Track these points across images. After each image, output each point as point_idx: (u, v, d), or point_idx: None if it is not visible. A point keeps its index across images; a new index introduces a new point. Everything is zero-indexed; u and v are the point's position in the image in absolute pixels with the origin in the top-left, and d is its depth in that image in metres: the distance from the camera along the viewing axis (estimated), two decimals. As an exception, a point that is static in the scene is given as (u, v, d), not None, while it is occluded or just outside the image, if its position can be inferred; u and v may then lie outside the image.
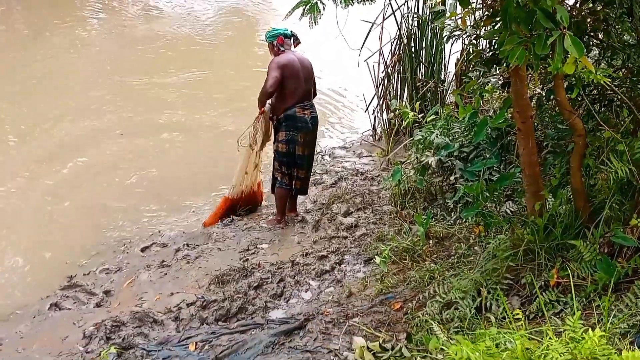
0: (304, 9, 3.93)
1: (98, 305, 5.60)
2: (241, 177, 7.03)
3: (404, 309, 4.70)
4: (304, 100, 6.70)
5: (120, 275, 6.08)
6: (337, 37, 7.23)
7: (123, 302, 5.61)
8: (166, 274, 6.01)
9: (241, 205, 7.18)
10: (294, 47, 6.79)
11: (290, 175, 6.80)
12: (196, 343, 4.74)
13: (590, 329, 2.79)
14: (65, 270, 6.18)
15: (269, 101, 6.71)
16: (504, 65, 4.01)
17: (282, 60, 6.60)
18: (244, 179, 7.07)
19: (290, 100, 6.62)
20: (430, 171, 5.85)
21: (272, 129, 6.85)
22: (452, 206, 5.86)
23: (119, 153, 8.64)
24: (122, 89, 10.69)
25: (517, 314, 3.19)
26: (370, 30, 8.15)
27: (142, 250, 6.52)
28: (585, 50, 4.07)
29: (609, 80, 3.71)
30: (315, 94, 7.00)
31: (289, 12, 4.09)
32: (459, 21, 4.30)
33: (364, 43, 8.12)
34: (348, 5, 3.89)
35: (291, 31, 6.76)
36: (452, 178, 5.84)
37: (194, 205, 7.58)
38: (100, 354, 4.68)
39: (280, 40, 6.66)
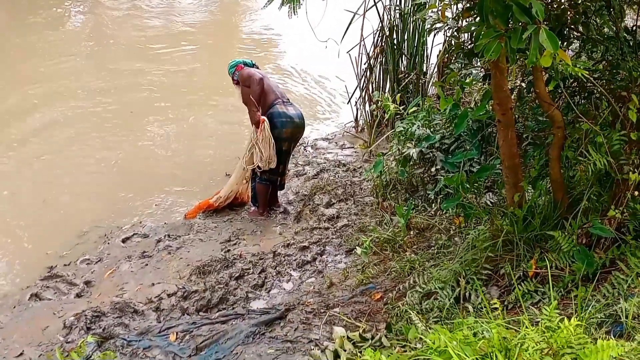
0: (283, -1, 3.92)
1: (78, 295, 5.58)
2: (229, 191, 7.00)
3: (385, 299, 4.72)
4: (282, 97, 6.76)
5: (101, 266, 6.05)
6: (317, 26, 7.24)
7: (104, 293, 5.60)
8: (147, 264, 6.00)
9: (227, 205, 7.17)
10: None
11: (274, 172, 6.79)
12: (177, 333, 4.74)
13: (566, 319, 2.81)
14: (45, 261, 6.14)
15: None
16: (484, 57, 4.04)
17: (246, 70, 6.77)
18: (233, 192, 7.05)
19: (269, 99, 6.65)
20: (411, 163, 5.87)
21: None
22: (433, 197, 5.89)
23: (100, 142, 8.61)
24: (112, 76, 10.68)
25: (495, 303, 3.22)
26: (351, 22, 8.14)
27: (123, 241, 6.49)
28: (565, 43, 4.14)
29: (587, 73, 3.74)
30: None
31: (268, 1, 4.06)
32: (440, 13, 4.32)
33: (344, 34, 8.11)
34: (328, -4, 3.88)
35: (251, 60, 6.90)
36: (433, 169, 5.87)
37: (175, 196, 7.55)
38: (80, 344, 4.68)
39: (240, 69, 6.79)
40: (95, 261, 6.15)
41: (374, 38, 8.41)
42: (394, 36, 8.30)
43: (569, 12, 3.99)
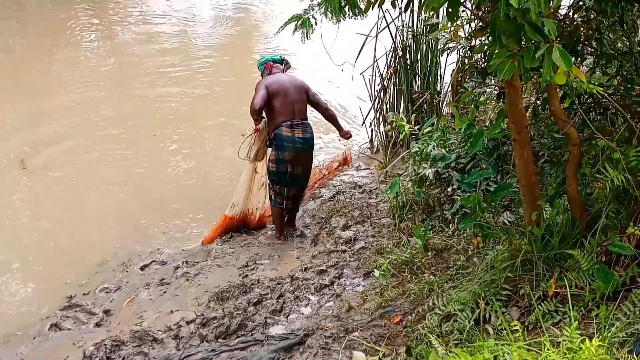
0: (296, 24, 3.94)
1: (98, 324, 5.58)
2: (243, 196, 7.01)
3: (404, 322, 4.68)
4: (293, 118, 6.70)
5: (120, 294, 6.06)
6: (330, 49, 7.28)
7: (123, 321, 5.59)
8: (166, 292, 5.99)
9: (243, 225, 7.17)
10: (285, 71, 6.89)
11: (282, 195, 6.81)
12: (196, 361, 4.72)
13: (587, 339, 2.78)
14: (64, 290, 6.16)
15: (264, 120, 6.73)
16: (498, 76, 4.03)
17: (268, 79, 6.74)
18: (248, 200, 7.06)
19: (277, 119, 6.66)
20: (427, 183, 5.85)
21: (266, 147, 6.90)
22: (450, 218, 5.85)
23: (116, 169, 8.65)
24: (133, 100, 10.79)
25: (515, 325, 3.18)
26: (364, 44, 8.18)
27: (142, 268, 6.51)
28: (579, 59, 4.12)
29: (602, 89, 3.71)
30: (323, 109, 7.19)
31: (281, 27, 4.09)
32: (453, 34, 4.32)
33: (358, 56, 8.14)
34: (339, 21, 3.89)
35: (280, 56, 6.87)
36: (449, 189, 5.83)
37: (193, 223, 7.56)
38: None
39: (269, 67, 6.80)
40: (114, 289, 6.16)
41: (387, 59, 8.44)
42: (407, 56, 8.32)
43: (582, 28, 3.98)
